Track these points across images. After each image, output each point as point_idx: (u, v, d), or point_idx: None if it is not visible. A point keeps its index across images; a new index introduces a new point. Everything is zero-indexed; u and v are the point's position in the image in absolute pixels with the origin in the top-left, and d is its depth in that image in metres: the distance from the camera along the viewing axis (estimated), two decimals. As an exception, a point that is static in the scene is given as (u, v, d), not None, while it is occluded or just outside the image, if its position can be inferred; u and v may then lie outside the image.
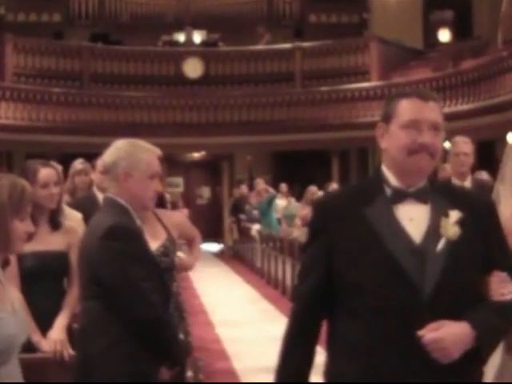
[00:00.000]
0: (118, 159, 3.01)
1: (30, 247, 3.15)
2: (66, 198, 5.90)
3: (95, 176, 6.04)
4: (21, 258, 3.42)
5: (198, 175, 21.87)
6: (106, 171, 3.09)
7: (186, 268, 4.33)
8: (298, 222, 13.39)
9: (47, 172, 3.78)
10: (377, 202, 2.20)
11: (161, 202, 4.12)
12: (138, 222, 3.04)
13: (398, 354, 2.10)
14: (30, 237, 2.37)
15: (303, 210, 12.74)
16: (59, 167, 4.95)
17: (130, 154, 3.01)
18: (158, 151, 3.12)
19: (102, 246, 2.91)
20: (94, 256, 2.94)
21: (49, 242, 3.70)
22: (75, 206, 4.99)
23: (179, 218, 4.57)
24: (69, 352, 3.41)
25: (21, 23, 20.36)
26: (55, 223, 3.79)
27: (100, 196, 6.04)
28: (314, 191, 12.76)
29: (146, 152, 3.06)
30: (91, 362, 2.94)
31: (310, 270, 2.25)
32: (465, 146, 5.72)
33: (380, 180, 2.24)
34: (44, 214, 3.75)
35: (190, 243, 4.44)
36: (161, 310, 2.89)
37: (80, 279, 3.09)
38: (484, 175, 7.29)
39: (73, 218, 4.51)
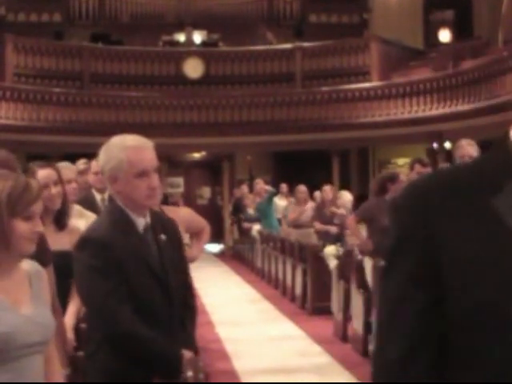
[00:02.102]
0: (103, 163, 2.93)
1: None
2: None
3: (90, 177, 6.08)
4: None
5: (199, 175, 21.88)
6: (101, 175, 3.08)
7: (189, 260, 4.33)
8: (283, 225, 13.12)
9: (45, 173, 3.76)
10: (508, 189, 1.43)
11: (164, 201, 4.13)
12: (141, 221, 2.91)
13: None
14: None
15: (293, 213, 12.51)
16: (72, 167, 4.96)
17: (111, 157, 2.89)
18: (145, 145, 2.92)
19: (75, 257, 2.93)
20: (73, 265, 2.97)
21: (54, 242, 3.70)
22: None
23: (185, 213, 4.59)
24: (69, 351, 3.44)
25: (21, 23, 20.36)
26: (60, 223, 3.79)
27: (98, 196, 6.08)
28: (303, 191, 12.51)
29: (126, 151, 2.87)
30: (85, 364, 3.00)
31: (406, 299, 1.37)
32: (470, 148, 5.79)
33: (509, 157, 1.49)
34: (49, 214, 3.75)
35: (198, 235, 4.45)
36: (127, 326, 2.78)
37: None
38: None
39: (86, 216, 4.62)
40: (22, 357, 2.21)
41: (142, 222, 2.92)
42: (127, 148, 2.88)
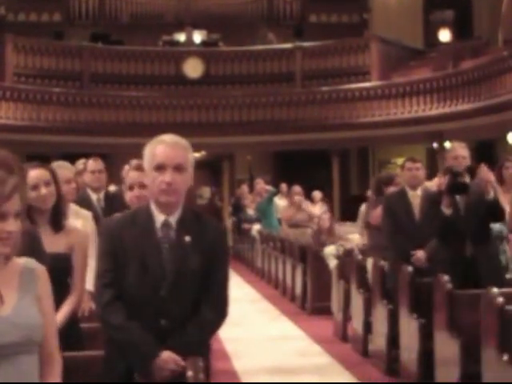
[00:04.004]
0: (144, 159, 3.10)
1: None
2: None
3: (87, 176, 6.06)
4: None
5: (198, 175, 21.77)
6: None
7: None
8: (283, 225, 13.11)
9: (36, 173, 3.69)
10: None
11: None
12: (161, 218, 2.96)
13: None
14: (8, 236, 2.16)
15: (287, 212, 12.57)
16: (70, 167, 4.95)
17: (145, 153, 3.06)
18: (171, 142, 3.05)
19: None
20: None
21: (50, 244, 3.64)
22: None
23: None
24: None
25: (21, 23, 20.36)
26: (56, 224, 3.74)
27: (93, 196, 6.06)
28: (298, 191, 12.63)
29: (153, 145, 3.03)
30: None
31: None
32: (462, 150, 6.38)
33: None
34: (43, 215, 3.70)
35: None
36: (101, 308, 2.94)
37: None
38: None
39: (82, 216, 4.65)
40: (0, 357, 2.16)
41: (161, 218, 2.97)
42: (154, 143, 3.04)
